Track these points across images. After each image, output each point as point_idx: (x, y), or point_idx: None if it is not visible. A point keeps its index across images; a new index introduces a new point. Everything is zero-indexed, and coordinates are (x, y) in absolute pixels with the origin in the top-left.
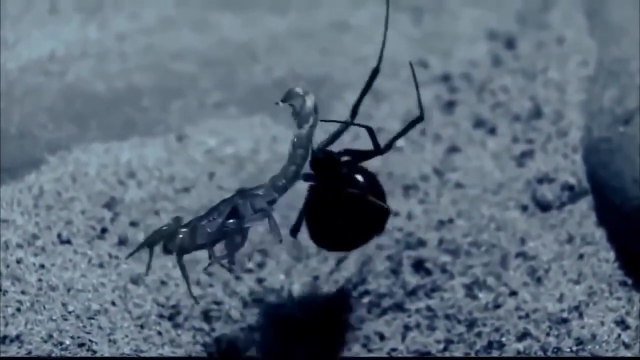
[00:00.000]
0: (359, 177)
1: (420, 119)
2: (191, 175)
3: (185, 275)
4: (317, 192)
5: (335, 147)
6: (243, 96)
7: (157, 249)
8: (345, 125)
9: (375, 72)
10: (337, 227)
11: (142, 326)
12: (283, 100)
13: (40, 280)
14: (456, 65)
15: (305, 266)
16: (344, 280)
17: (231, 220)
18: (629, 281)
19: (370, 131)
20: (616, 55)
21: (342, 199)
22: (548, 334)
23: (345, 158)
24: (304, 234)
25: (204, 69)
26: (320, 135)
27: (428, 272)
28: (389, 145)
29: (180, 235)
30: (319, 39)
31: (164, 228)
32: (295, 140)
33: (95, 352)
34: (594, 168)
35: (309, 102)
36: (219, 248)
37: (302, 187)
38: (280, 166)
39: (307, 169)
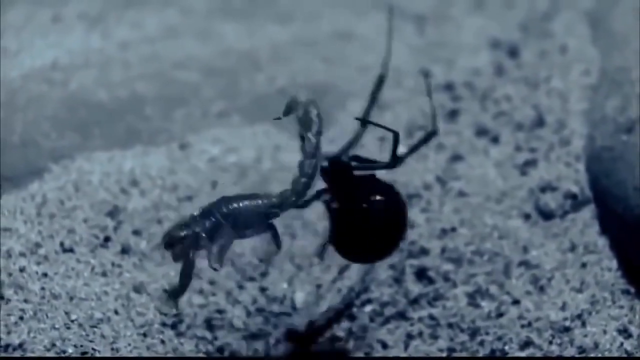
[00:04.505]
0: (376, 187)
1: (433, 133)
2: (194, 183)
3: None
4: (339, 205)
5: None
6: (246, 105)
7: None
8: (361, 132)
9: (381, 79)
10: (362, 239)
11: (144, 335)
12: (285, 114)
13: (43, 288)
14: (459, 74)
15: (308, 275)
16: (346, 289)
17: (231, 228)
18: (632, 290)
19: (396, 138)
20: (619, 64)
21: (361, 209)
22: (551, 343)
23: (356, 166)
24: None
25: (207, 77)
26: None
27: (431, 281)
28: (401, 160)
29: (182, 243)
30: (322, 48)
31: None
32: (303, 151)
33: None
34: (596, 177)
35: (312, 109)
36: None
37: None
38: (283, 175)
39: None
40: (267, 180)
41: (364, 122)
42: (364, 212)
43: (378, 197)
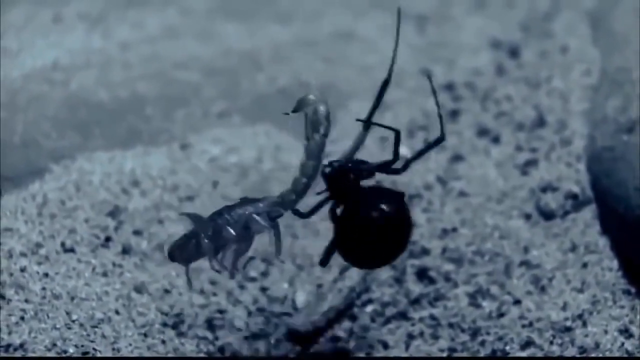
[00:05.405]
0: (379, 192)
1: (441, 139)
2: (195, 184)
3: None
4: (343, 211)
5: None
6: (247, 105)
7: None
8: (364, 136)
9: (385, 84)
10: (366, 245)
11: (145, 335)
12: (294, 110)
13: (44, 288)
14: (460, 74)
15: (309, 275)
16: (347, 289)
17: (234, 232)
18: (633, 290)
19: (398, 136)
20: (619, 64)
21: (365, 215)
22: (552, 343)
23: (358, 171)
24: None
25: (208, 78)
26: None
27: (432, 281)
28: (406, 166)
29: (185, 248)
30: (323, 48)
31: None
32: (306, 151)
33: None
34: (597, 177)
35: (322, 109)
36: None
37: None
38: (284, 175)
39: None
40: (267, 181)
41: (366, 123)
42: (368, 218)
43: (382, 203)
